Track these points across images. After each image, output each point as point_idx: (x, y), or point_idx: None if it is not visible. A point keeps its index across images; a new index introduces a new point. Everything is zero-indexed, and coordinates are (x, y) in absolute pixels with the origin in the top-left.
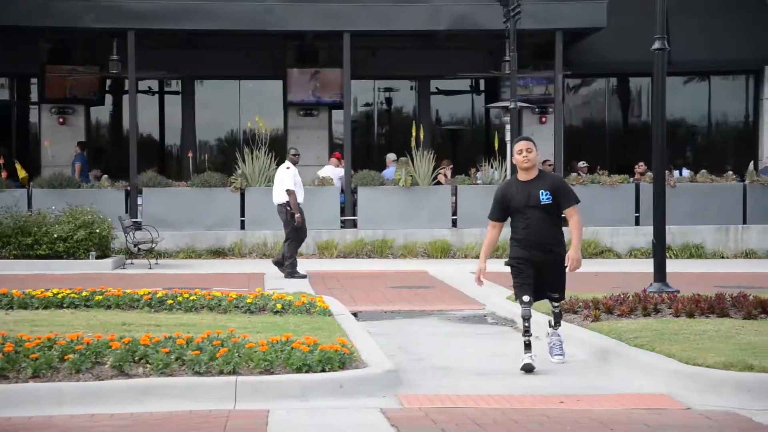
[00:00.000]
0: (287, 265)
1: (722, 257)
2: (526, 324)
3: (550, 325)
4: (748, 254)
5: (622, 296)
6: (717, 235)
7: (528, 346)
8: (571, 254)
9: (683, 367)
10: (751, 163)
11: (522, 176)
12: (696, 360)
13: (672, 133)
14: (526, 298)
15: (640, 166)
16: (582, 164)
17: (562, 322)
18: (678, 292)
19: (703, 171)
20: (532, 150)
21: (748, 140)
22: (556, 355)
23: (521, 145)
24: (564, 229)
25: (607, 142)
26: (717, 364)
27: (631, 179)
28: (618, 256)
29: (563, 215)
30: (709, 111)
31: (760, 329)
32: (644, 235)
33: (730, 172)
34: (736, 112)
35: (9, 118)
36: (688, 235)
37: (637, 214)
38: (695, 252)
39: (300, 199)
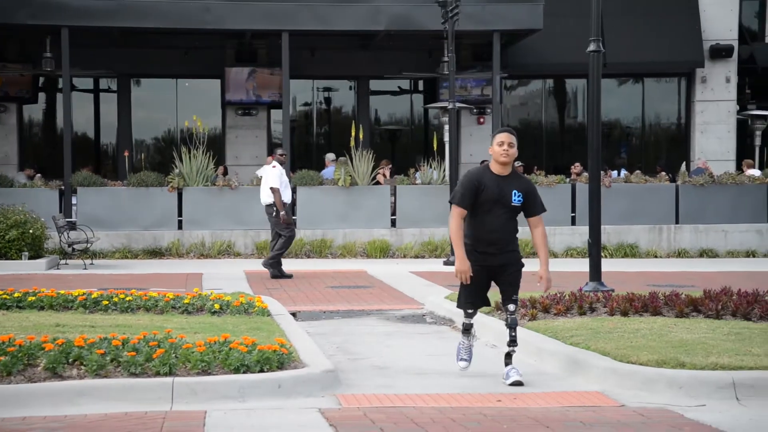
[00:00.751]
0: (273, 262)
1: (656, 256)
2: (466, 339)
3: (509, 345)
4: (681, 253)
5: (558, 295)
6: (650, 235)
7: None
8: (543, 273)
9: (618, 365)
10: (683, 164)
11: (497, 169)
12: (630, 358)
13: (607, 134)
14: (471, 310)
15: (576, 167)
16: (518, 164)
17: (499, 321)
18: (613, 291)
19: (638, 172)
20: (514, 145)
21: (680, 141)
22: (515, 383)
23: (503, 137)
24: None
25: (544, 143)
26: (650, 362)
27: (568, 180)
28: (554, 255)
29: (518, 222)
30: (643, 113)
31: (692, 327)
32: (580, 235)
33: (663, 173)
34: (669, 113)
35: None
36: (622, 235)
37: (573, 214)
38: (630, 251)
39: (287, 198)
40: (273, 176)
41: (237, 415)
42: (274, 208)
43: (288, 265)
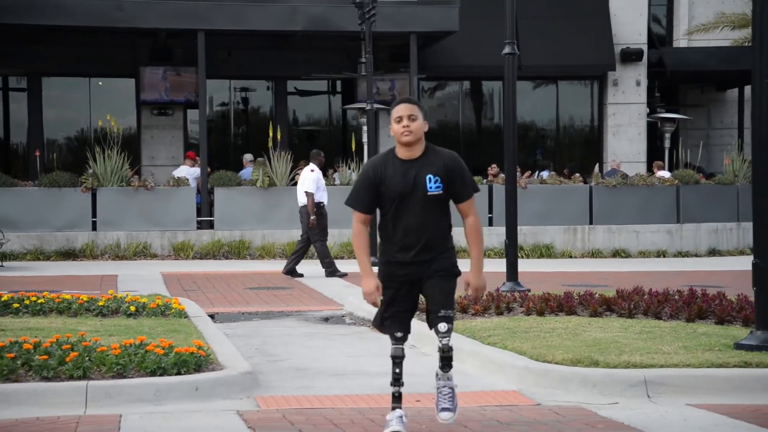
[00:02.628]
0: (326, 264)
1: (571, 257)
2: (397, 370)
3: (440, 367)
4: (595, 254)
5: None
6: (565, 236)
7: (397, 398)
8: (471, 280)
9: (533, 364)
10: (596, 165)
11: (402, 153)
12: (545, 357)
13: (523, 135)
14: (399, 333)
15: (493, 168)
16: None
17: (414, 322)
18: (529, 291)
19: (552, 173)
20: (417, 117)
21: (593, 143)
22: (443, 409)
23: (400, 109)
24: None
25: (461, 144)
26: (565, 361)
27: (485, 181)
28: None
29: (450, 215)
30: (558, 115)
31: (605, 326)
32: (497, 236)
33: (577, 174)
34: (582, 115)
35: None
36: (538, 236)
37: (490, 215)
38: (545, 252)
39: (324, 200)
40: (310, 180)
41: (153, 419)
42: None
43: (205, 266)
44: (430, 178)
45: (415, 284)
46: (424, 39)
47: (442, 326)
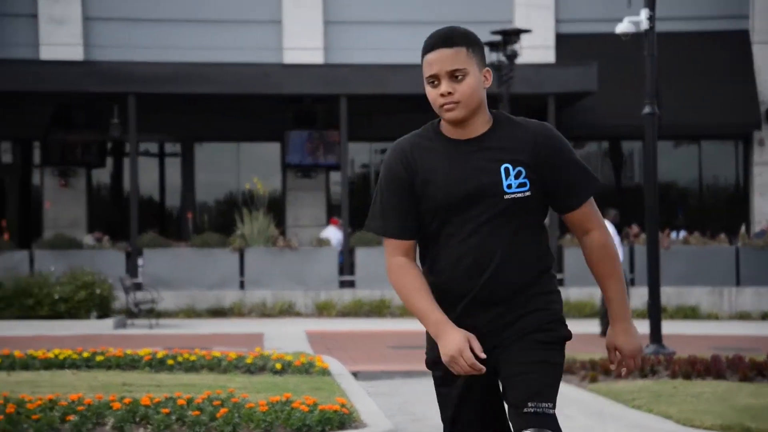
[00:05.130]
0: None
1: (717, 319)
2: None
3: None
4: (743, 316)
5: None
6: (711, 297)
7: None
8: (621, 342)
9: (681, 429)
10: (743, 225)
11: (450, 130)
12: (693, 422)
13: (664, 195)
14: None
15: (633, 228)
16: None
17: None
18: (674, 353)
19: (696, 233)
20: (467, 72)
21: (739, 203)
22: None
23: (433, 60)
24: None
25: (601, 204)
26: (714, 427)
27: (625, 241)
28: None
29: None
30: (700, 174)
31: (757, 392)
32: (639, 296)
33: (723, 235)
34: (726, 175)
35: (13, 181)
36: (682, 297)
37: (631, 276)
38: (690, 313)
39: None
40: None
41: None
42: None
43: (347, 324)
44: (507, 169)
45: (490, 365)
46: (562, 100)
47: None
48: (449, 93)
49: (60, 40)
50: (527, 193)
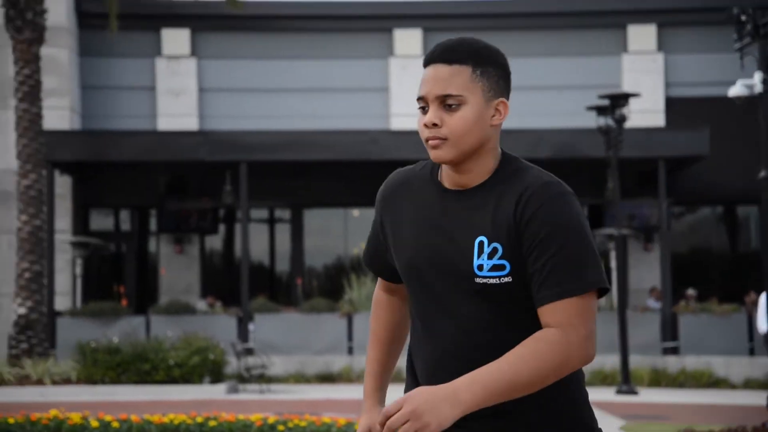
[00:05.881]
0: None
1: None
2: None
3: None
4: None
5: (740, 429)
6: None
7: None
8: (418, 392)
9: None
10: None
11: (446, 176)
12: None
13: None
14: None
15: (751, 295)
16: (691, 292)
17: None
18: None
19: None
20: (464, 101)
21: None
22: None
23: (426, 78)
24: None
25: (715, 271)
26: None
27: (742, 308)
28: (732, 387)
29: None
30: None
31: None
32: (760, 366)
33: None
34: None
35: (131, 248)
36: None
37: (750, 344)
38: None
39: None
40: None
41: None
42: None
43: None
44: (481, 244)
45: None
46: (672, 164)
47: None
48: (434, 125)
49: (176, 111)
50: (504, 280)
